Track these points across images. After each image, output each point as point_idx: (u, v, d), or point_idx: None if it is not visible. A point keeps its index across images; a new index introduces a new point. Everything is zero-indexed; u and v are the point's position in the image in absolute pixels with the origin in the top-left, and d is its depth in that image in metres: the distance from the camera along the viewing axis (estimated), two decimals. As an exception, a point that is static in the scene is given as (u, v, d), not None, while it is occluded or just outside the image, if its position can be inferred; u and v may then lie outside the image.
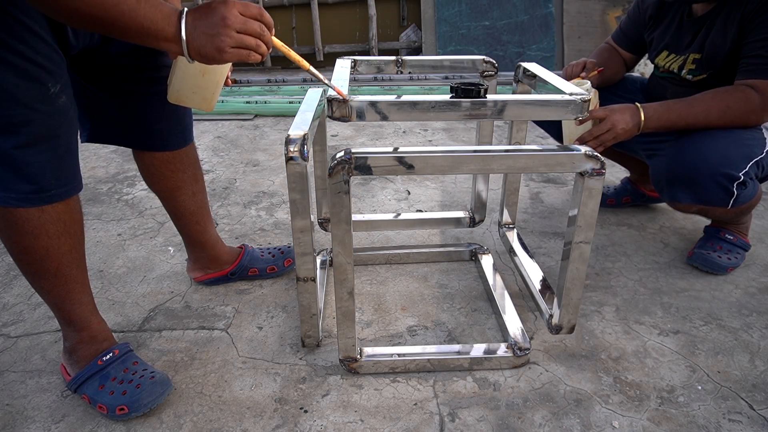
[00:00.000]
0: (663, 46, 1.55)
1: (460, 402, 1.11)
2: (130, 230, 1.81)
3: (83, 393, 1.10)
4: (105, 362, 1.11)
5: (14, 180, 0.94)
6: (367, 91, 3.50)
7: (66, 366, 1.15)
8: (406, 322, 1.35)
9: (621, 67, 1.72)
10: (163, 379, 1.10)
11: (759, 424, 1.05)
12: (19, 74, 0.88)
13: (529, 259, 1.44)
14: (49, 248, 1.02)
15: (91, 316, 1.14)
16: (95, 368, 1.10)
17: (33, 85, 0.90)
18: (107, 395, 1.07)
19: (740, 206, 1.38)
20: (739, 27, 1.34)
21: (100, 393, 1.08)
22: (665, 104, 1.37)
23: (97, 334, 1.15)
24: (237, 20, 0.85)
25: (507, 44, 4.02)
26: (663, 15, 1.56)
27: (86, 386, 1.10)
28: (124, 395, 1.06)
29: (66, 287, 1.08)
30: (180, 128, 1.27)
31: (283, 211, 1.94)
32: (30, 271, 1.06)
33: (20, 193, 0.95)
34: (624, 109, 1.34)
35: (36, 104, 0.91)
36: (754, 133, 1.37)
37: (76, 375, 1.11)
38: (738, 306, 1.39)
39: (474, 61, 1.41)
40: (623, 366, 1.20)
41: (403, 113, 0.97)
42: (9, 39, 0.86)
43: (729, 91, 1.34)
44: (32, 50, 0.89)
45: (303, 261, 1.12)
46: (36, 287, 1.09)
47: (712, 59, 1.41)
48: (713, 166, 1.30)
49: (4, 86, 0.87)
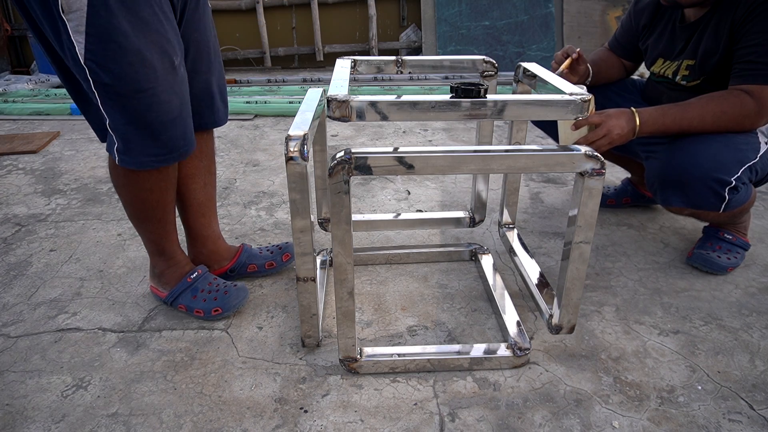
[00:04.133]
0: (657, 53, 1.56)
1: (460, 402, 1.11)
2: (130, 230, 1.81)
3: (179, 304, 1.36)
4: (193, 279, 1.37)
5: (152, 146, 1.12)
6: (367, 91, 3.50)
7: (157, 287, 1.40)
8: (406, 322, 1.35)
9: (619, 69, 1.72)
10: (244, 287, 1.38)
11: (759, 424, 1.05)
12: (160, 50, 1.06)
13: (529, 259, 1.44)
14: (160, 200, 1.25)
15: (177, 249, 1.39)
16: (186, 285, 1.36)
17: (166, 58, 1.08)
18: (201, 302, 1.34)
19: (732, 210, 1.38)
20: (730, 32, 1.34)
21: (194, 301, 1.35)
22: (661, 109, 1.37)
23: (181, 260, 1.39)
24: None
25: (507, 44, 4.02)
26: (656, 23, 1.57)
27: (181, 298, 1.36)
28: (215, 300, 1.34)
29: (165, 228, 1.32)
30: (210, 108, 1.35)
31: (283, 211, 1.93)
32: (141, 218, 1.29)
33: (157, 157, 1.14)
34: (620, 114, 1.34)
35: (167, 75, 1.09)
36: (748, 138, 1.37)
37: (170, 291, 1.37)
38: (738, 306, 1.39)
39: (474, 61, 1.41)
40: (623, 366, 1.20)
41: (403, 113, 0.97)
42: (152, 18, 1.04)
43: (724, 96, 1.34)
44: (164, 28, 1.07)
45: (303, 261, 1.12)
46: (141, 229, 1.33)
47: (705, 65, 1.41)
48: (705, 171, 1.30)
49: (153, 63, 1.05)
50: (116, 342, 1.30)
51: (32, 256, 1.67)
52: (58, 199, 2.09)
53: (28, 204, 2.05)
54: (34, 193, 2.14)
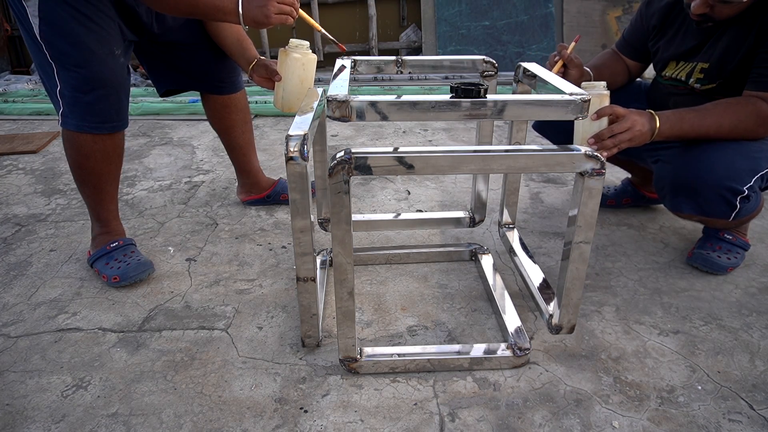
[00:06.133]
0: (669, 56, 1.52)
1: (460, 402, 1.11)
2: (130, 230, 1.81)
3: (95, 267, 1.54)
4: (112, 248, 1.54)
5: (89, 113, 1.37)
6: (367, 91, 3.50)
7: (90, 249, 1.59)
8: (406, 322, 1.35)
9: (623, 74, 1.68)
10: (149, 263, 1.53)
11: (759, 424, 1.05)
12: (98, 39, 1.34)
13: (529, 259, 1.44)
14: (95, 168, 1.46)
15: (113, 220, 1.59)
16: (104, 251, 1.54)
17: (105, 47, 1.35)
18: (108, 269, 1.50)
19: (741, 219, 1.38)
20: (756, 36, 1.31)
21: (105, 267, 1.51)
22: (678, 113, 1.34)
23: (112, 230, 1.58)
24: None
25: (507, 44, 4.01)
26: (668, 24, 1.53)
27: (97, 263, 1.54)
28: (119, 270, 1.49)
29: (100, 196, 1.53)
30: (230, 78, 1.75)
31: (283, 211, 1.93)
32: (79, 181, 1.50)
33: (91, 123, 1.39)
34: (641, 113, 1.30)
35: (106, 58, 1.35)
36: (762, 146, 1.35)
37: (92, 254, 1.55)
38: (738, 306, 1.39)
39: (474, 61, 1.41)
40: (623, 366, 1.20)
41: (403, 113, 0.97)
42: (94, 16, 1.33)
43: (740, 104, 1.32)
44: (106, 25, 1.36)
45: (303, 261, 1.12)
46: (81, 193, 1.54)
47: (722, 69, 1.39)
48: (718, 179, 1.29)
49: (90, 46, 1.32)
50: (116, 342, 1.30)
51: (32, 256, 1.67)
52: (58, 199, 2.09)
53: (28, 204, 2.05)
54: (34, 193, 2.14)
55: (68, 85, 1.35)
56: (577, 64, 1.45)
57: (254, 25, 1.29)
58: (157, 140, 2.80)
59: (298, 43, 1.37)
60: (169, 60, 1.67)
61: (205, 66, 1.69)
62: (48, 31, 1.31)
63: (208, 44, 1.65)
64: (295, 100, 1.41)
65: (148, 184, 2.21)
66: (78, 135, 1.40)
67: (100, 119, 1.39)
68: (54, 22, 1.30)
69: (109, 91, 1.37)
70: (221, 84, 1.75)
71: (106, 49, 1.35)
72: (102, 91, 1.36)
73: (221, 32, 1.62)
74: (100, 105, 1.37)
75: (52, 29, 1.31)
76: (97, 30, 1.33)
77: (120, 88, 1.41)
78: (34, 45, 1.34)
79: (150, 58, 1.69)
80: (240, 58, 1.62)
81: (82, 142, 1.41)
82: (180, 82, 1.73)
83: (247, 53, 1.60)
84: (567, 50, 1.42)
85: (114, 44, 1.38)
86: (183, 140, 2.78)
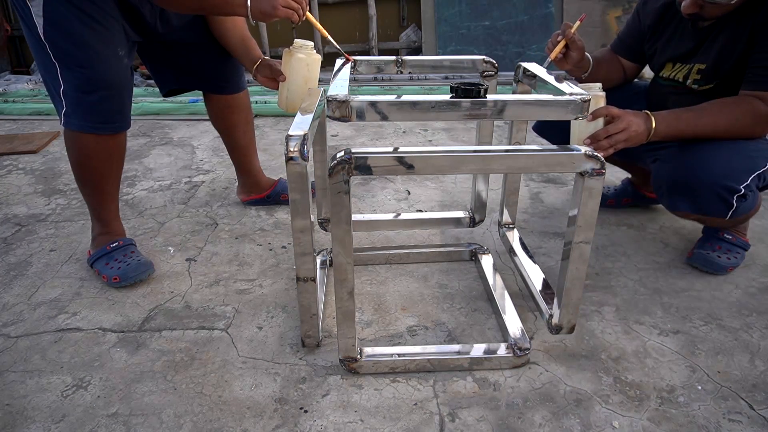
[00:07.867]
0: (666, 57, 1.52)
1: (460, 402, 1.10)
2: (130, 230, 1.80)
3: (95, 267, 1.53)
4: (112, 248, 1.53)
5: (92, 113, 1.38)
6: (367, 91, 3.50)
7: (90, 249, 1.58)
8: (406, 322, 1.35)
9: (619, 72, 1.67)
10: (149, 263, 1.53)
11: (759, 424, 1.05)
12: (102, 39, 1.35)
13: (529, 259, 1.44)
14: (97, 168, 1.47)
15: (113, 220, 1.59)
16: (104, 251, 1.53)
17: (109, 48, 1.36)
18: (108, 269, 1.50)
19: (738, 217, 1.38)
20: (750, 36, 1.31)
21: (105, 268, 1.51)
22: (674, 113, 1.34)
23: (113, 231, 1.58)
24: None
25: (507, 44, 4.01)
26: (665, 25, 1.53)
27: (97, 263, 1.53)
28: (119, 270, 1.49)
29: (101, 196, 1.53)
30: (234, 78, 1.76)
31: (283, 211, 1.93)
32: (80, 181, 1.51)
33: (94, 123, 1.39)
34: (637, 113, 1.30)
35: (110, 60, 1.36)
36: (759, 145, 1.36)
37: (92, 254, 1.55)
38: (738, 306, 1.39)
39: (474, 61, 1.41)
40: (623, 366, 1.20)
41: (403, 113, 0.97)
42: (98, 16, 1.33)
43: (737, 103, 1.32)
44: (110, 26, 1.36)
45: (303, 261, 1.12)
46: (82, 193, 1.55)
47: (718, 70, 1.38)
48: (715, 178, 1.29)
49: (93, 46, 1.33)
50: (116, 342, 1.30)
51: (32, 256, 1.67)
52: (58, 199, 2.09)
53: (28, 204, 2.05)
54: (34, 193, 2.14)
55: (71, 85, 1.35)
56: (579, 47, 1.43)
57: (260, 17, 1.29)
58: (157, 140, 2.80)
59: (303, 43, 1.36)
60: (173, 60, 1.68)
61: (209, 66, 1.69)
62: (52, 31, 1.31)
63: (212, 44, 1.65)
64: (299, 100, 1.40)
65: (148, 184, 2.21)
66: (80, 135, 1.41)
67: (103, 119, 1.40)
68: (58, 23, 1.31)
69: (113, 92, 1.38)
70: (225, 84, 1.75)
71: (110, 50, 1.36)
72: (105, 91, 1.36)
73: (225, 32, 1.61)
74: (103, 105, 1.38)
75: (56, 29, 1.31)
76: (101, 30, 1.34)
77: (123, 89, 1.42)
78: (37, 45, 1.35)
79: (154, 58, 1.69)
80: (244, 58, 1.62)
81: (85, 142, 1.42)
82: (184, 81, 1.74)
83: (252, 53, 1.60)
84: (571, 29, 1.39)
85: (118, 45, 1.39)
86: (183, 140, 2.78)
